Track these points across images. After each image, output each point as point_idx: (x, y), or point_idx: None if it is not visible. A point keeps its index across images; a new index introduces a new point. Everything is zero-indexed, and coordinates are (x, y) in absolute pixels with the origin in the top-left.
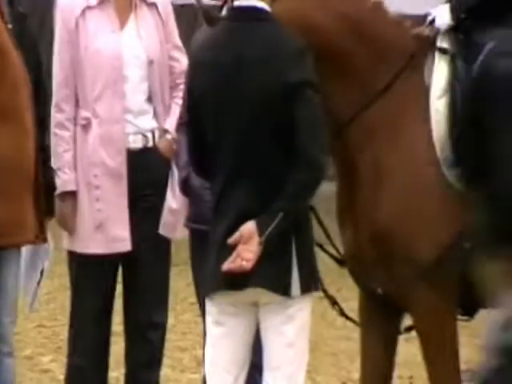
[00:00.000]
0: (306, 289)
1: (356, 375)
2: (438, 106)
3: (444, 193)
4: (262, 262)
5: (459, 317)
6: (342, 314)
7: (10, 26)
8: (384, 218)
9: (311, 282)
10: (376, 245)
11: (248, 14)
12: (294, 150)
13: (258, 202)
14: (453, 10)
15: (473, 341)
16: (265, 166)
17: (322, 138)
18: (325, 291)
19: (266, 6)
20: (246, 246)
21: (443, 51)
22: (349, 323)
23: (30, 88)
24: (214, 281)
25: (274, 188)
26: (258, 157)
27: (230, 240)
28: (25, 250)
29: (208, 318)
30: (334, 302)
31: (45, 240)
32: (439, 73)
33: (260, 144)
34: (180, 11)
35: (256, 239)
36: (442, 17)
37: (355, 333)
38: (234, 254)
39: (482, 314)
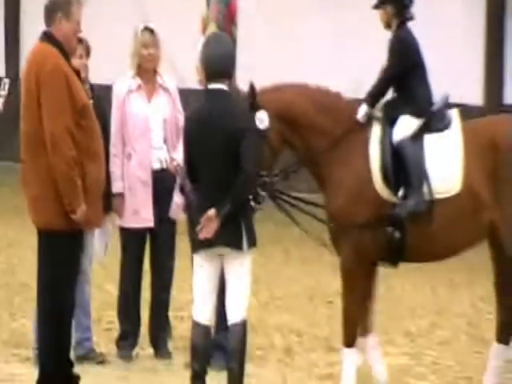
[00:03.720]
0: (249, 245)
1: None
2: (374, 149)
3: (370, 196)
4: (223, 231)
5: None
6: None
7: (91, 101)
8: (336, 206)
9: (252, 242)
10: (333, 219)
11: (215, 91)
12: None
13: (221, 198)
14: (367, 101)
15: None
16: (226, 178)
17: (255, 160)
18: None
19: (224, 87)
20: (210, 222)
21: (378, 119)
22: None
23: (102, 139)
24: (197, 243)
25: (228, 187)
26: (222, 173)
27: (202, 219)
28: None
29: (195, 264)
30: (323, 244)
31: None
32: (375, 132)
33: (224, 165)
34: (181, 92)
35: (215, 218)
36: (362, 108)
37: None
38: (203, 225)
39: None
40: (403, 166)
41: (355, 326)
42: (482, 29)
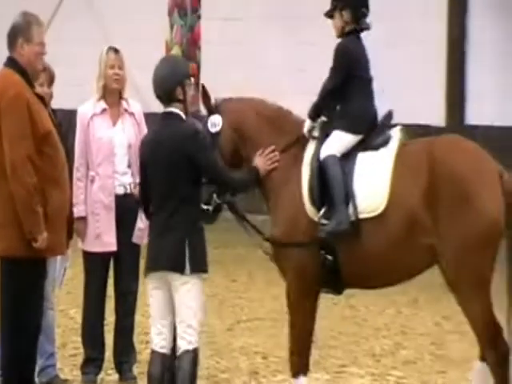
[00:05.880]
0: (193, 270)
1: None
2: (305, 171)
3: (302, 218)
4: (166, 254)
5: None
6: (253, 226)
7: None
8: (273, 228)
9: (198, 267)
10: (271, 242)
11: (169, 115)
12: (216, 184)
13: (173, 221)
14: (310, 116)
15: None
16: (171, 200)
17: (223, 173)
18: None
19: (177, 111)
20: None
21: (314, 138)
22: None
23: (67, 166)
24: (145, 268)
25: (174, 211)
26: (173, 197)
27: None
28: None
29: (148, 292)
30: (244, 219)
31: (66, 251)
32: (309, 151)
33: (175, 189)
34: (147, 116)
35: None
36: (306, 124)
37: None
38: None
39: None
40: (326, 185)
41: (307, 353)
42: (444, 50)
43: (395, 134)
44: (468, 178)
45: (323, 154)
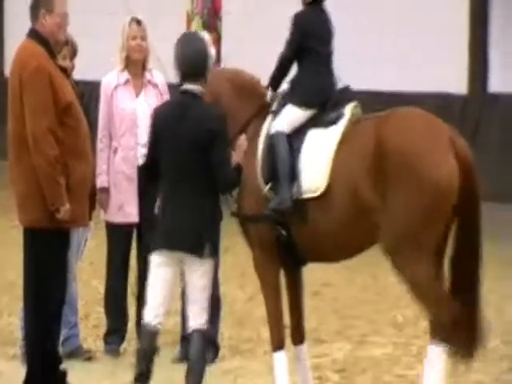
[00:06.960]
0: (212, 253)
1: None
2: (260, 144)
3: (256, 192)
4: (185, 235)
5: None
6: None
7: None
8: (238, 203)
9: (215, 251)
10: (235, 213)
11: (189, 92)
12: (213, 171)
13: (187, 192)
14: (270, 85)
15: None
16: (192, 174)
17: (229, 165)
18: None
19: (198, 88)
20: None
21: (272, 112)
22: None
23: (90, 137)
24: (158, 242)
25: (195, 190)
26: (189, 169)
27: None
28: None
29: (151, 264)
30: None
31: (89, 223)
32: (266, 124)
33: (191, 162)
34: (169, 87)
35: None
36: (267, 93)
37: None
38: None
39: None
40: (273, 161)
41: (279, 326)
42: (467, 16)
43: (348, 111)
44: (415, 147)
45: (273, 129)
